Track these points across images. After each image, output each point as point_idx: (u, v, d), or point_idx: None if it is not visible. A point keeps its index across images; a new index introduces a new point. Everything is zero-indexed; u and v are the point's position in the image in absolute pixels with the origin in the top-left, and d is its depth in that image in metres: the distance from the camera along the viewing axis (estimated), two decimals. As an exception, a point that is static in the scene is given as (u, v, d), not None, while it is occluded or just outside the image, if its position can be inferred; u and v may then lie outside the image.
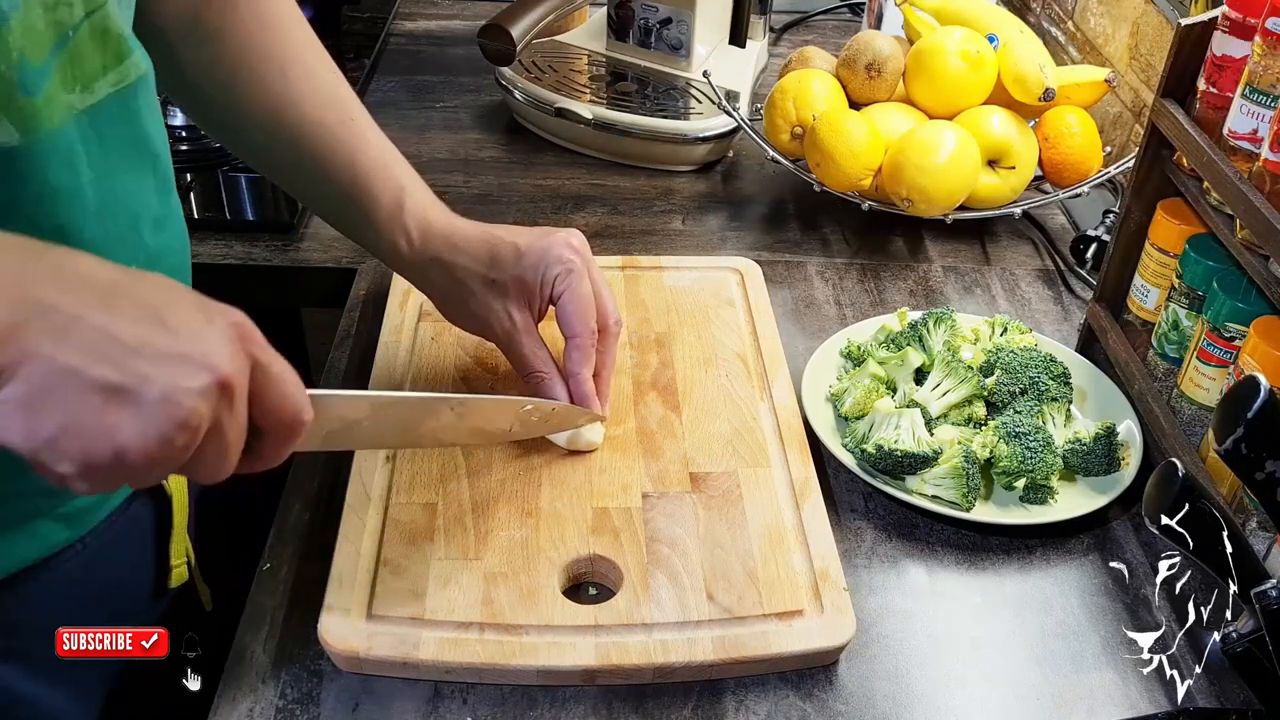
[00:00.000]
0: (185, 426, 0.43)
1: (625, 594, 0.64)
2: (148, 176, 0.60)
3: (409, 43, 1.40)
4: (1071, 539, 0.74)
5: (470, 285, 0.71)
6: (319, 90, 0.70)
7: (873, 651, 0.66)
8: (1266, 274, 0.67)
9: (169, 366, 0.43)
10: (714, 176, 1.15)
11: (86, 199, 0.54)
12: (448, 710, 0.61)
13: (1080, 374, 0.84)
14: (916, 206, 0.97)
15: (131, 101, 0.57)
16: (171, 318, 0.44)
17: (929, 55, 1.02)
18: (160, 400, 0.42)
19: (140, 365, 0.42)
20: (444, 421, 0.63)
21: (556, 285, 0.70)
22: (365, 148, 0.71)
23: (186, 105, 0.74)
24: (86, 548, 0.64)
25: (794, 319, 0.93)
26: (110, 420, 0.42)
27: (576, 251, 0.71)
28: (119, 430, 0.42)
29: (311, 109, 0.70)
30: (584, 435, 0.73)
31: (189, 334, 0.44)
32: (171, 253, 0.63)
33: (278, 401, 0.47)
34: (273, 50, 0.69)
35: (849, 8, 1.51)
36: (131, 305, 0.44)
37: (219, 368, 0.44)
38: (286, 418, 0.48)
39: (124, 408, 0.42)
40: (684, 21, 1.19)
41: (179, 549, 0.71)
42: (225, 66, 0.69)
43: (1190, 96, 0.76)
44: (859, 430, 0.78)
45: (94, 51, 0.54)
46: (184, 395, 0.43)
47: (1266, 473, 0.54)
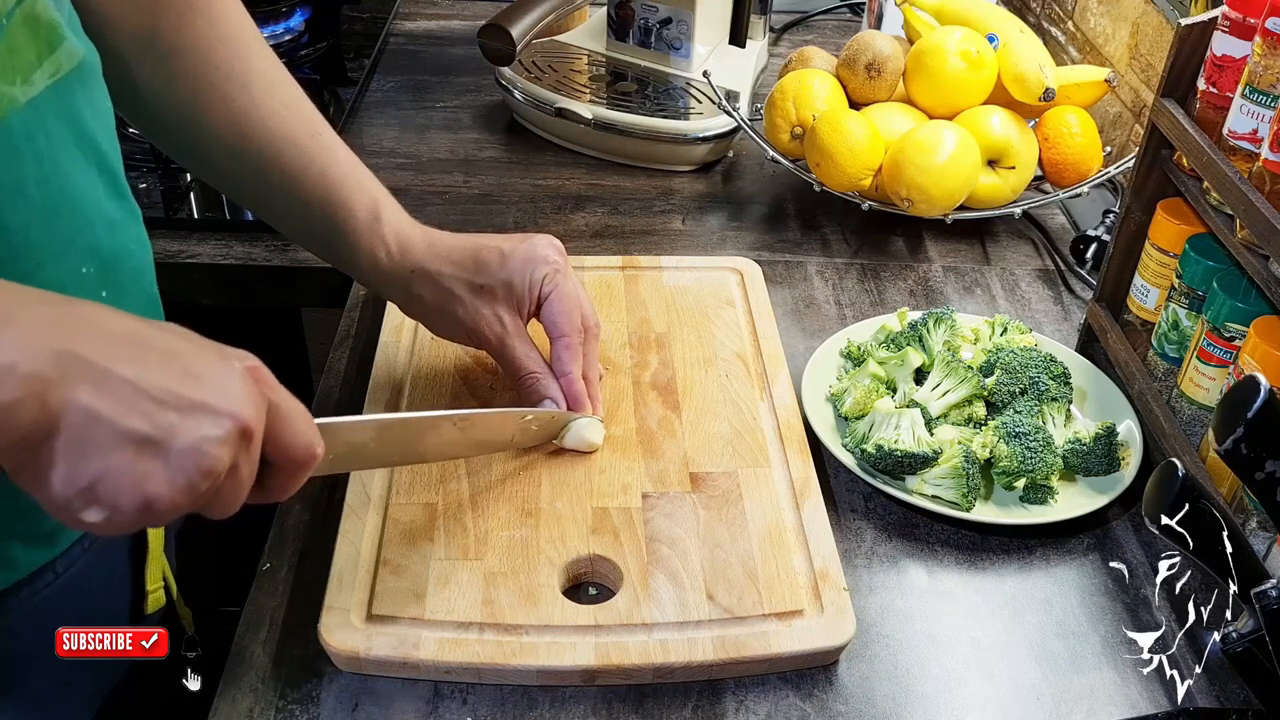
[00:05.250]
0: (210, 474, 0.44)
1: (625, 594, 0.64)
2: (96, 176, 0.59)
3: (409, 43, 1.40)
4: (1071, 539, 0.74)
5: (457, 292, 0.71)
6: (284, 105, 0.69)
7: (873, 651, 0.66)
8: (1266, 274, 0.67)
9: (194, 417, 0.44)
10: (714, 176, 1.15)
11: (32, 198, 0.54)
12: (448, 710, 0.61)
13: (1080, 374, 0.84)
14: (916, 206, 0.97)
15: (68, 95, 0.56)
16: (196, 367, 0.45)
17: (929, 55, 1.02)
18: (188, 450, 0.44)
19: (169, 416, 0.44)
20: (447, 437, 0.64)
21: (544, 286, 0.71)
22: (336, 162, 0.70)
23: (148, 127, 0.72)
24: (59, 576, 0.63)
25: (794, 319, 0.93)
26: (141, 469, 0.43)
27: (560, 253, 0.72)
28: (149, 480, 0.43)
29: (278, 124, 0.69)
30: (584, 435, 0.73)
31: (211, 382, 0.45)
32: (130, 256, 0.62)
33: (291, 439, 0.49)
34: (234, 65, 0.68)
35: (849, 8, 1.51)
36: (158, 356, 0.45)
37: (240, 415, 0.45)
38: (299, 454, 0.49)
39: (154, 458, 0.44)
40: (684, 21, 1.19)
41: (155, 572, 0.70)
42: (185, 84, 0.67)
43: (1190, 96, 0.76)
44: (859, 430, 0.78)
45: (27, 41, 0.53)
46: (210, 444, 0.44)
47: (1266, 473, 0.54)
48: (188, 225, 1.01)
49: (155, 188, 1.05)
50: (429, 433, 0.63)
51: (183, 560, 0.74)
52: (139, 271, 0.64)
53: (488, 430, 0.67)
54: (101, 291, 0.59)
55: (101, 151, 0.59)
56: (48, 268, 0.55)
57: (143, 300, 0.65)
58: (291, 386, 0.50)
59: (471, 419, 0.65)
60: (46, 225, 0.55)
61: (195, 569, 0.77)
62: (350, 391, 0.81)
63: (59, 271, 0.56)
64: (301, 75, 1.27)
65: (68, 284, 0.57)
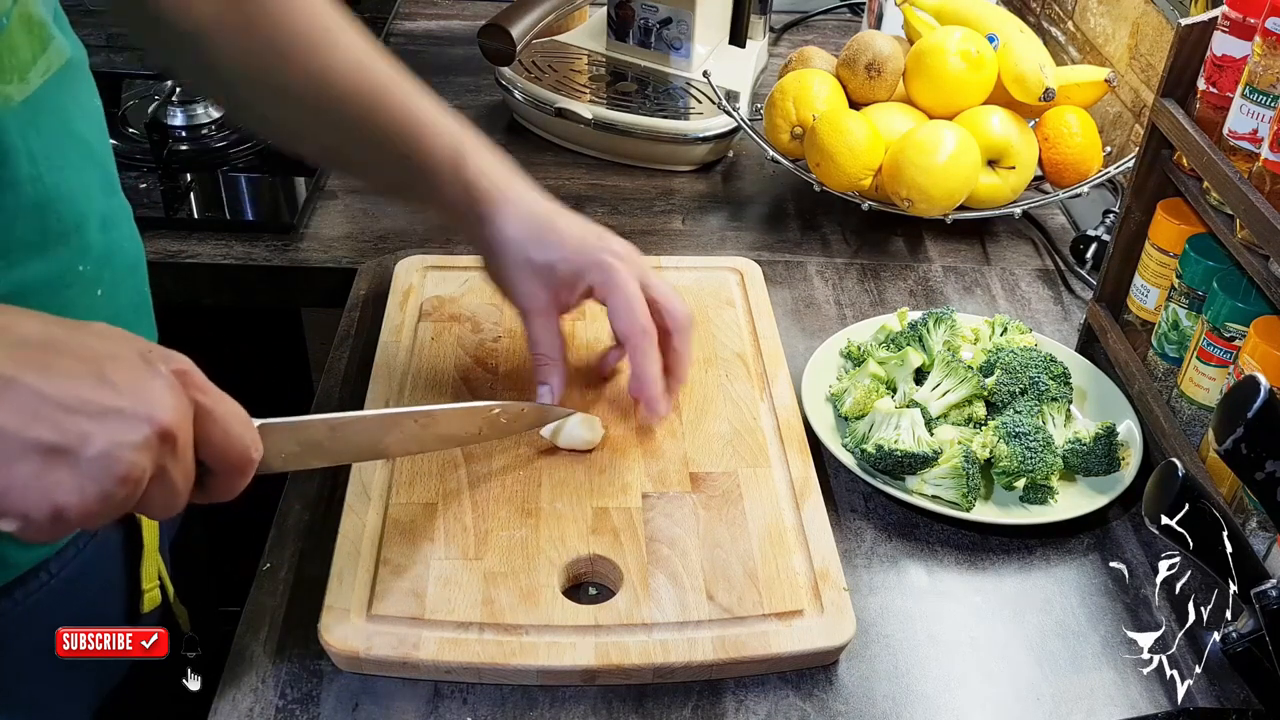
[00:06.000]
0: (125, 480, 0.44)
1: (625, 594, 0.64)
2: (89, 173, 0.59)
3: (409, 43, 1.40)
4: (1071, 539, 0.74)
5: (512, 255, 0.72)
6: (358, 61, 0.70)
7: (873, 651, 0.66)
8: (1266, 274, 0.67)
9: (108, 423, 0.43)
10: (714, 176, 1.15)
11: (25, 195, 0.54)
12: (448, 710, 0.61)
13: (1080, 374, 0.84)
14: (916, 206, 0.97)
15: (58, 93, 0.56)
16: (112, 372, 0.45)
17: (929, 55, 1.02)
18: (99, 457, 0.43)
19: (79, 424, 0.43)
20: (408, 433, 0.64)
21: (597, 290, 0.71)
22: (414, 108, 0.71)
23: (225, 101, 0.74)
24: (54, 577, 0.62)
25: (794, 319, 0.93)
26: (49, 480, 0.43)
27: (619, 256, 0.72)
28: (57, 490, 0.43)
29: (357, 79, 0.69)
30: (576, 434, 0.73)
31: (129, 386, 0.44)
32: (122, 252, 0.62)
33: (223, 442, 0.48)
34: (306, 29, 0.68)
35: (849, 8, 1.51)
36: (71, 362, 0.44)
37: (159, 419, 0.44)
38: (234, 457, 0.49)
39: (62, 467, 0.43)
40: (684, 21, 1.19)
41: (150, 571, 0.70)
42: (259, 55, 0.68)
43: (1190, 96, 0.76)
44: (859, 430, 0.78)
45: (24, 40, 0.53)
46: (123, 450, 0.43)
47: (1266, 473, 0.54)
48: (188, 225, 1.00)
49: (155, 188, 1.04)
50: (389, 430, 0.63)
51: (178, 559, 0.74)
52: (132, 268, 0.64)
53: (451, 426, 0.67)
54: (97, 290, 0.59)
55: (93, 148, 0.60)
56: (39, 263, 0.55)
57: (135, 297, 0.65)
58: (291, 386, 0.50)
59: (434, 415, 0.65)
60: (40, 222, 0.55)
61: (191, 568, 0.77)
62: (350, 391, 0.81)
63: (52, 268, 0.56)
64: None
65: (61, 281, 0.57)
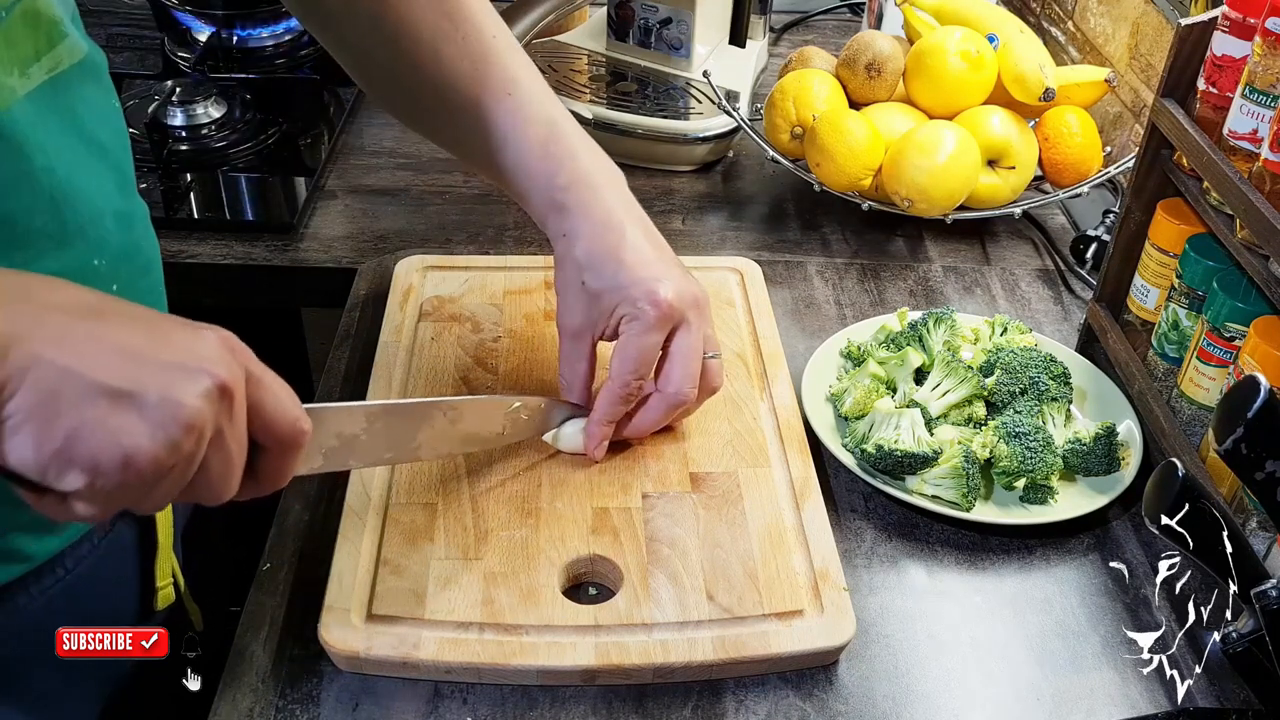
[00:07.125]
0: (191, 428, 0.43)
1: (625, 594, 0.64)
2: (102, 172, 0.59)
3: (409, 43, 1.40)
4: (1071, 539, 0.74)
5: (566, 267, 0.70)
6: (473, 60, 0.71)
7: (873, 651, 0.66)
8: (1266, 274, 0.67)
9: (166, 373, 0.43)
10: (714, 176, 1.15)
11: (39, 186, 0.54)
12: (448, 710, 0.61)
13: (1080, 374, 0.84)
14: (916, 206, 0.97)
15: (66, 91, 0.56)
16: (168, 330, 0.44)
17: (929, 55, 1.02)
18: (162, 402, 0.42)
19: (142, 370, 0.42)
20: (438, 429, 0.63)
21: (621, 327, 0.69)
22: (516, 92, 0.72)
23: (358, 75, 0.77)
24: (69, 572, 0.62)
25: (794, 319, 0.93)
26: (116, 423, 0.42)
27: (656, 305, 0.67)
28: (126, 433, 0.42)
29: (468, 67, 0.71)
30: (577, 438, 0.73)
31: (184, 344, 0.44)
32: (139, 251, 0.62)
33: (275, 412, 0.47)
34: (437, 17, 0.71)
35: (849, 8, 1.51)
36: (127, 321, 0.44)
37: (217, 372, 0.44)
38: (286, 429, 0.48)
39: (129, 411, 0.42)
40: (684, 21, 1.19)
41: (165, 569, 0.69)
42: (387, 46, 0.71)
43: (1190, 96, 0.76)
44: (859, 430, 0.78)
45: (26, 34, 0.53)
46: (187, 396, 0.43)
47: (1266, 473, 0.54)
48: (188, 225, 1.01)
49: (155, 188, 1.04)
50: (420, 424, 0.62)
51: (190, 557, 0.74)
52: (148, 267, 0.64)
53: (476, 421, 0.67)
54: (113, 285, 0.59)
55: (106, 148, 0.60)
56: (54, 256, 0.55)
57: (151, 298, 0.65)
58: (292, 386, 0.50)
59: (460, 407, 0.65)
60: (54, 213, 0.55)
61: (204, 566, 0.77)
62: (350, 391, 0.81)
63: (67, 261, 0.56)
64: (302, 75, 1.27)
65: (78, 275, 0.57)
